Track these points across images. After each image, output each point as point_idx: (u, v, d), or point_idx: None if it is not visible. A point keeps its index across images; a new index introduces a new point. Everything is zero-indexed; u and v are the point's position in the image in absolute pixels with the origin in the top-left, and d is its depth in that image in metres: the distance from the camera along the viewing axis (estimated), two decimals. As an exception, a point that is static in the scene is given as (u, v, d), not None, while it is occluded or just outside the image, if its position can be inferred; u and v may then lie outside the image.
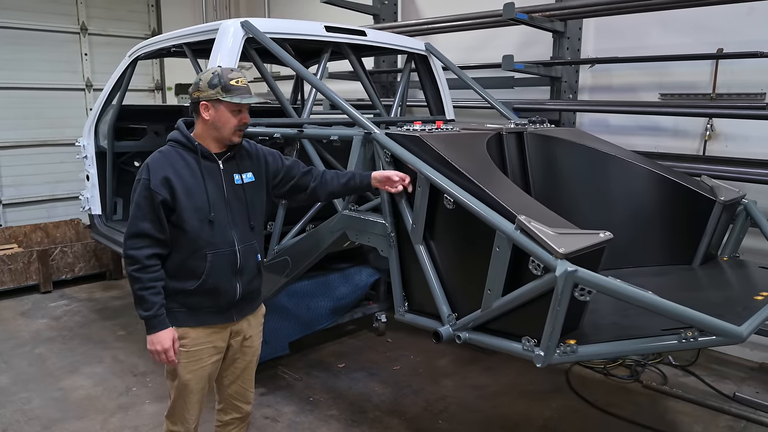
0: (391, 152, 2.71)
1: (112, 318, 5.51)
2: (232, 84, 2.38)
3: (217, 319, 2.55)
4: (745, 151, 4.32)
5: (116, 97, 4.98)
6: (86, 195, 5.36)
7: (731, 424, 3.72)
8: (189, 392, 2.58)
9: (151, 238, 2.35)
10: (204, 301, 2.48)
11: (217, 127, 2.42)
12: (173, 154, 2.43)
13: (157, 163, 2.39)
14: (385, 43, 4.25)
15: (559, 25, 4.85)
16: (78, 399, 4.04)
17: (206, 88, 2.38)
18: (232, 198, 2.50)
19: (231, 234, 2.48)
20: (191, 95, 2.44)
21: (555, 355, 2.11)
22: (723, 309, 2.33)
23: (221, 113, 2.40)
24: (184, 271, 2.43)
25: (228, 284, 2.50)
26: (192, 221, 2.38)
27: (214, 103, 2.38)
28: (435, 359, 4.62)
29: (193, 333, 2.50)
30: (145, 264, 2.34)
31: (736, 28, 4.35)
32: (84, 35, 7.87)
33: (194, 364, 2.53)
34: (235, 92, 2.38)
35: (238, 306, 2.60)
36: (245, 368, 2.78)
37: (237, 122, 2.43)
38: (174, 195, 2.35)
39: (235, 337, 2.66)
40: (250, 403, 2.90)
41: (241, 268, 2.52)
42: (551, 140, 3.32)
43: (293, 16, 7.78)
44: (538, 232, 2.07)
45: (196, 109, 2.43)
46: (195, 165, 2.42)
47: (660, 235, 3.19)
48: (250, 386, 2.87)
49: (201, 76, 2.44)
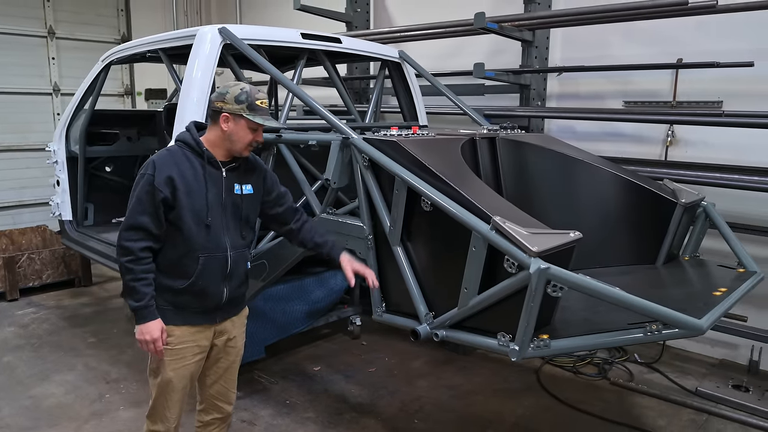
0: (369, 156, 2.78)
1: (83, 325, 5.43)
2: (257, 104, 2.48)
3: (202, 319, 2.60)
4: (704, 156, 4.51)
5: (88, 102, 4.94)
6: (56, 200, 5.29)
7: (693, 417, 3.89)
8: (171, 390, 2.60)
9: (147, 232, 2.41)
10: (190, 302, 2.54)
11: (232, 139, 2.50)
12: (179, 155, 2.49)
13: (164, 161, 2.46)
14: (360, 50, 4.33)
15: (528, 34, 5.00)
16: (49, 407, 3.98)
17: (232, 102, 2.46)
18: (229, 206, 2.57)
19: (224, 239, 2.55)
20: (213, 103, 2.51)
21: (529, 349, 2.21)
22: (685, 304, 2.46)
23: (240, 128, 2.48)
24: (175, 270, 2.49)
25: (216, 288, 2.57)
26: (189, 222, 2.45)
27: (236, 117, 2.47)
28: (410, 361, 4.69)
29: (177, 331, 2.54)
30: (138, 256, 2.40)
31: (693, 39, 4.56)
32: (51, 39, 7.75)
33: (177, 362, 2.56)
34: (258, 112, 2.48)
35: (223, 309, 2.66)
36: (228, 368, 2.82)
37: (251, 139, 2.52)
38: (175, 194, 2.42)
39: (219, 336, 2.70)
40: (231, 404, 2.93)
41: (230, 274, 2.59)
42: (522, 145, 3.44)
43: (265, 23, 7.77)
44: (513, 232, 2.16)
45: (215, 118, 2.50)
46: (199, 168, 2.49)
47: (625, 235, 3.33)
48: (233, 386, 2.90)
49: (229, 88, 2.50)
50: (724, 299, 2.55)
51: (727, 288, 2.71)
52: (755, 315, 4.21)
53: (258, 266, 3.65)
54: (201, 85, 3.40)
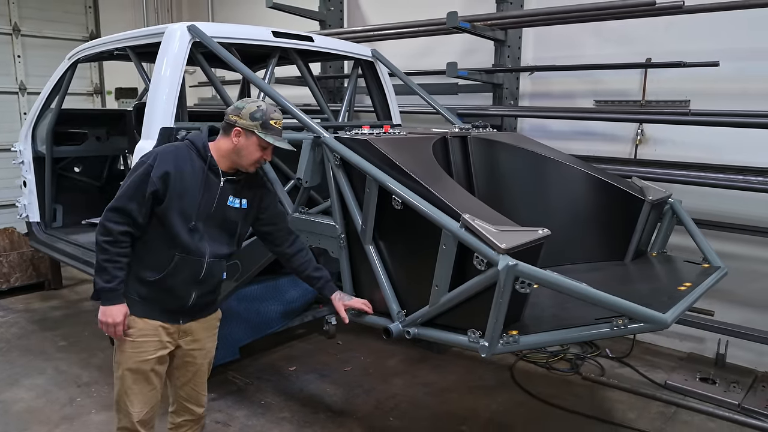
0: (341, 155, 2.78)
1: (53, 329, 5.33)
2: (271, 123, 2.51)
3: (164, 317, 2.60)
4: (673, 154, 4.60)
5: (55, 101, 4.84)
6: (23, 202, 5.17)
7: (662, 410, 3.97)
8: (132, 382, 2.59)
9: (130, 218, 2.42)
10: (156, 297, 2.54)
11: (240, 154, 2.52)
12: (184, 153, 2.51)
13: (166, 155, 2.47)
14: (333, 48, 4.32)
15: (500, 34, 5.04)
16: (19, 411, 3.91)
17: (247, 117, 2.48)
18: (218, 215, 2.56)
19: (205, 246, 2.54)
20: (228, 116, 2.52)
21: (498, 345, 2.23)
22: (651, 299, 2.50)
23: (250, 144, 2.50)
24: (149, 260, 2.50)
25: (184, 290, 2.57)
26: (174, 221, 2.45)
27: (248, 133, 2.49)
28: (385, 359, 4.70)
29: (140, 323, 2.54)
30: (117, 238, 2.41)
31: (662, 39, 4.65)
32: (17, 36, 7.56)
33: (138, 354, 2.55)
34: (270, 132, 2.50)
35: (188, 312, 2.66)
36: (197, 371, 2.80)
37: (260, 157, 2.55)
38: (166, 191, 2.42)
39: (184, 337, 2.68)
40: (203, 407, 2.91)
41: (202, 280, 2.59)
42: (494, 144, 3.47)
43: (237, 21, 7.72)
44: (482, 230, 2.18)
45: (228, 130, 2.51)
46: (199, 172, 2.49)
47: (595, 233, 3.38)
48: (203, 389, 2.88)
49: (246, 104, 2.52)
50: (689, 294, 2.60)
51: (692, 283, 2.77)
52: (722, 309, 4.31)
53: (231, 266, 3.60)
54: (170, 83, 3.36)
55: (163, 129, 3.33)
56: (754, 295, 4.44)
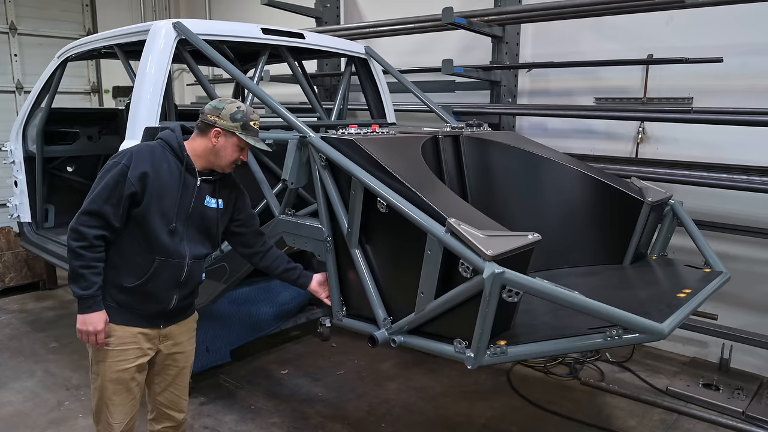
0: (326, 156, 2.69)
1: (45, 330, 5.28)
2: (251, 125, 2.48)
3: (145, 323, 2.53)
4: (675, 153, 4.49)
5: (45, 100, 4.77)
6: (14, 202, 5.10)
7: (664, 417, 3.86)
8: (112, 393, 2.52)
9: (105, 221, 2.34)
10: (136, 302, 2.47)
11: (219, 155, 2.47)
12: (159, 153, 2.43)
13: (142, 155, 2.39)
14: (324, 46, 4.21)
15: (498, 30, 4.93)
16: (6, 416, 3.85)
17: (227, 118, 2.44)
18: (196, 216, 2.52)
19: (185, 248, 2.49)
20: (206, 115, 2.46)
21: (485, 356, 2.13)
22: (648, 306, 2.40)
23: (229, 145, 2.47)
24: (127, 266, 2.43)
25: (165, 294, 2.51)
26: (154, 223, 2.39)
27: (228, 134, 2.45)
28: (379, 363, 4.61)
29: (119, 331, 2.47)
30: (92, 243, 2.32)
31: (663, 35, 4.53)
32: (13, 35, 7.51)
33: (118, 363, 2.49)
34: (250, 133, 2.48)
35: (168, 315, 2.60)
36: (177, 375, 2.73)
37: (237, 157, 2.52)
38: (145, 192, 2.35)
39: (164, 341, 2.62)
40: (183, 412, 2.83)
41: (183, 282, 2.54)
42: (487, 143, 3.37)
43: (235, 18, 7.63)
44: (467, 235, 2.08)
45: (206, 130, 2.46)
46: (176, 172, 2.43)
47: (592, 235, 3.28)
48: (183, 394, 2.80)
49: (226, 104, 2.48)
50: (689, 301, 2.49)
51: (692, 289, 2.65)
52: (725, 313, 4.21)
53: (218, 269, 3.54)
54: (154, 81, 3.27)
55: (147, 129, 3.25)
56: (759, 299, 4.33)
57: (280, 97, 3.63)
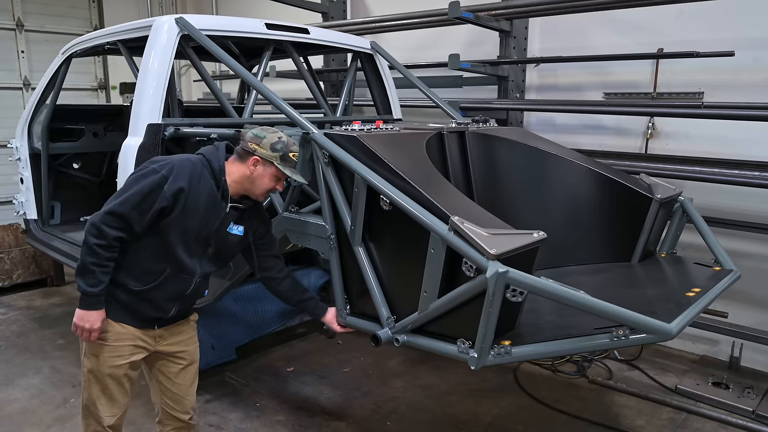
0: (329, 152, 2.66)
1: (52, 327, 5.28)
2: (290, 156, 2.49)
3: (138, 323, 2.52)
4: (685, 149, 4.41)
5: (50, 97, 4.77)
6: (20, 199, 5.11)
7: (672, 416, 3.80)
8: (105, 388, 2.52)
9: (128, 225, 2.31)
10: (136, 305, 2.46)
11: (255, 183, 2.48)
12: (200, 171, 2.41)
13: (183, 170, 2.36)
14: (329, 41, 4.17)
15: (505, 24, 4.87)
16: (12, 412, 3.86)
17: (267, 148, 2.45)
18: (218, 240, 2.51)
19: (197, 265, 2.49)
20: (247, 143, 2.46)
21: (489, 357, 2.09)
22: (656, 306, 2.35)
23: (266, 174, 2.47)
24: (136, 269, 2.41)
25: (166, 304, 2.52)
26: (174, 237, 2.37)
27: (267, 163, 2.46)
28: (385, 360, 4.58)
29: (116, 327, 2.46)
30: (110, 243, 2.30)
31: (674, 29, 4.45)
32: (20, 32, 7.50)
33: (112, 359, 2.48)
34: (288, 164, 2.49)
35: (162, 321, 2.60)
36: (179, 374, 2.71)
37: (273, 187, 2.53)
38: (175, 208, 2.34)
39: (161, 341, 2.62)
40: (189, 413, 2.80)
41: (187, 296, 2.56)
42: (493, 139, 3.32)
43: (242, 14, 7.61)
44: (471, 233, 2.04)
45: (245, 157, 2.46)
46: (212, 195, 2.43)
47: (600, 232, 3.22)
48: (187, 394, 2.77)
49: (267, 133, 2.48)
50: (698, 300, 2.44)
51: (702, 288, 2.60)
52: (736, 311, 4.14)
53: (222, 267, 3.53)
54: (157, 77, 3.25)
55: (150, 125, 3.23)
56: (771, 296, 4.26)
57: (286, 93, 3.60)
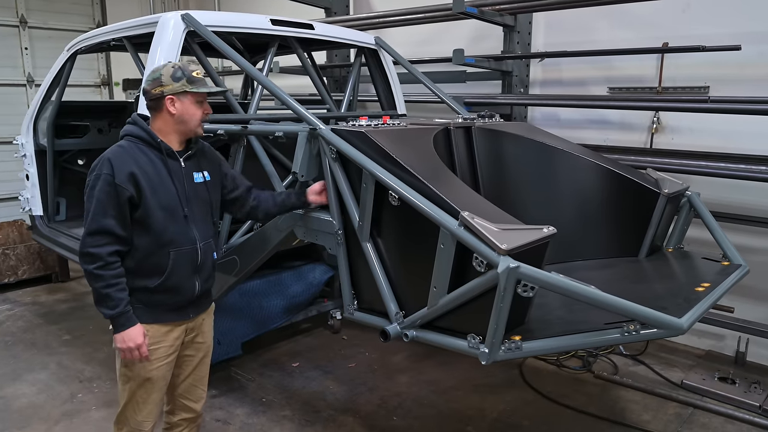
0: (337, 148, 2.65)
1: (58, 322, 5.31)
2: (194, 76, 2.39)
3: (174, 316, 2.52)
4: (691, 144, 4.41)
5: (55, 93, 4.77)
6: (26, 195, 5.13)
7: (679, 411, 3.81)
8: (144, 392, 2.52)
9: (113, 236, 2.29)
10: (164, 299, 2.45)
11: (183, 120, 2.40)
12: (134, 150, 2.37)
13: (120, 158, 2.32)
14: (334, 36, 4.17)
15: (509, 19, 4.86)
16: (20, 407, 3.88)
17: (170, 82, 2.35)
18: (193, 196, 2.49)
19: (193, 232, 2.48)
20: (149, 91, 2.38)
21: (500, 352, 2.09)
22: (665, 301, 2.35)
23: (187, 106, 2.39)
24: (145, 268, 2.39)
25: (188, 282, 2.50)
26: (157, 218, 2.35)
27: (180, 95, 2.37)
28: (390, 355, 4.59)
29: (150, 331, 2.44)
30: (107, 261, 2.27)
31: (679, 23, 4.44)
32: (24, 28, 7.51)
33: (152, 363, 2.47)
34: (199, 83, 2.39)
35: (195, 303, 2.60)
36: (198, 365, 2.73)
37: (202, 114, 2.44)
38: (140, 192, 2.31)
39: (189, 334, 2.63)
40: (200, 403, 2.82)
41: (200, 266, 2.53)
42: (499, 135, 3.31)
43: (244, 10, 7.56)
44: (481, 229, 2.04)
45: (158, 105, 2.38)
46: (159, 162, 2.38)
47: (607, 227, 3.22)
48: (201, 384, 2.80)
49: (161, 71, 2.38)
50: (707, 295, 2.44)
51: (711, 283, 2.60)
52: (742, 306, 4.13)
53: (229, 261, 3.53)
54: (163, 74, 3.24)
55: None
56: (777, 291, 4.25)
57: (289, 88, 3.59)
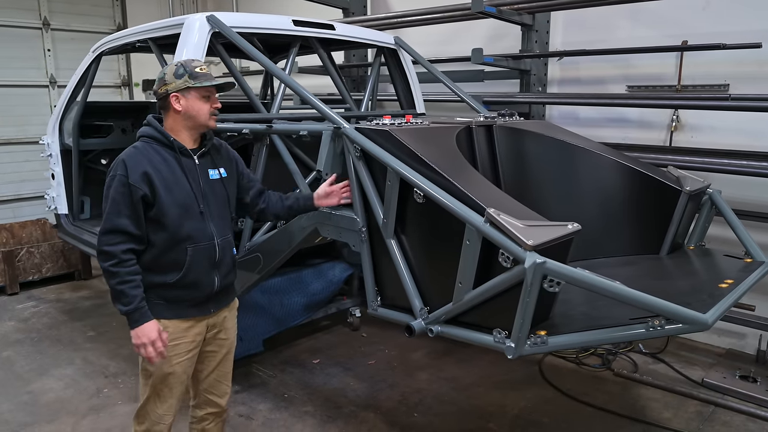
0: (361, 147, 2.70)
1: (82, 319, 5.40)
2: (197, 71, 2.41)
3: (195, 312, 2.54)
4: (711, 142, 4.40)
5: (80, 94, 4.86)
6: (52, 194, 5.23)
7: (700, 409, 3.81)
8: (165, 387, 2.55)
9: (127, 234, 2.34)
10: (183, 294, 2.48)
11: (191, 116, 2.43)
12: (148, 150, 2.42)
13: (134, 158, 2.37)
14: (354, 37, 4.22)
15: (528, 18, 4.88)
16: (48, 402, 3.97)
17: (173, 80, 2.40)
18: (209, 193, 2.52)
19: (210, 228, 2.51)
20: (157, 91, 2.45)
21: (526, 346, 2.13)
22: (689, 297, 2.37)
23: (192, 101, 2.42)
24: (163, 265, 2.43)
25: (207, 278, 2.52)
26: (173, 216, 2.39)
27: (184, 92, 2.40)
28: (409, 353, 4.63)
29: (171, 326, 2.48)
30: (121, 258, 2.32)
31: (699, 21, 4.43)
32: (47, 30, 7.65)
33: (172, 359, 2.51)
34: (202, 78, 2.42)
35: (216, 298, 2.62)
36: (221, 360, 2.77)
37: (209, 107, 2.46)
38: (154, 190, 2.35)
39: (211, 330, 2.66)
40: (225, 396, 2.86)
41: (219, 261, 2.55)
42: (520, 133, 3.34)
43: (262, 10, 7.66)
44: (507, 225, 2.07)
45: (165, 104, 2.44)
46: (173, 161, 2.43)
47: (628, 225, 3.24)
48: (226, 379, 2.84)
49: (164, 70, 2.46)
50: (731, 291, 2.45)
51: (734, 279, 2.61)
52: (763, 304, 4.12)
53: (253, 259, 3.59)
54: (189, 75, 3.30)
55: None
56: (798, 289, 4.23)
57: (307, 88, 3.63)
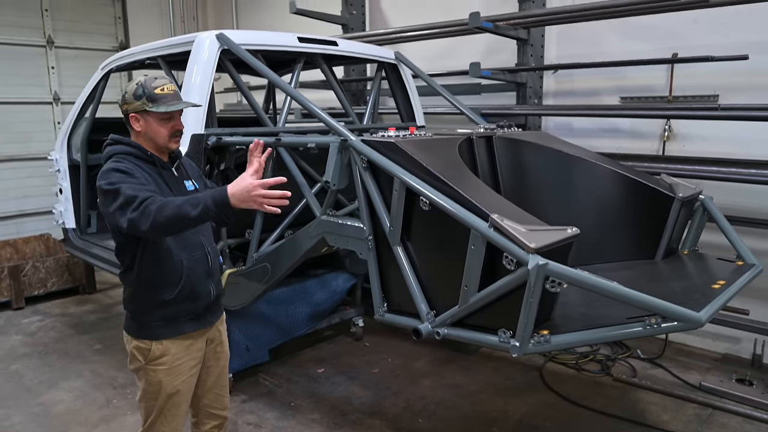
0: (368, 158, 2.81)
1: (88, 332, 5.46)
2: (157, 93, 2.32)
3: (195, 325, 2.53)
4: (702, 150, 4.53)
5: (89, 110, 4.97)
6: (60, 209, 5.31)
7: (698, 412, 3.89)
8: (173, 406, 2.52)
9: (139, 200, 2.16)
10: (182, 309, 2.47)
11: (150, 137, 2.37)
12: (128, 165, 2.30)
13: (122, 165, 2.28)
14: (357, 52, 4.36)
15: (523, 32, 5.02)
16: (59, 413, 4.02)
17: (132, 100, 2.33)
18: None
19: (200, 237, 2.52)
20: (120, 108, 2.39)
21: (530, 345, 2.23)
22: (684, 297, 2.48)
23: (150, 124, 2.35)
24: (159, 281, 2.41)
25: (204, 288, 2.52)
26: None
27: (142, 114, 2.34)
28: (412, 361, 4.71)
29: (173, 348, 2.46)
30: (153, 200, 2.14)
31: (689, 34, 4.58)
32: (50, 48, 7.77)
33: (176, 378, 2.50)
34: (161, 101, 2.32)
35: (212, 308, 2.62)
36: (219, 374, 2.76)
37: (168, 131, 2.38)
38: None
39: (210, 344, 2.67)
40: (226, 409, 2.86)
41: (212, 270, 2.57)
42: (519, 143, 3.47)
43: (261, 27, 7.82)
44: (511, 229, 2.19)
45: (129, 123, 2.39)
46: (155, 174, 2.38)
47: (624, 231, 3.35)
48: (225, 391, 2.82)
49: (127, 87, 2.39)
50: (723, 291, 2.57)
51: (726, 281, 2.73)
52: (757, 308, 4.22)
53: (261, 269, 3.68)
54: (200, 91, 3.43)
55: (194, 136, 3.40)
56: (791, 293, 4.34)
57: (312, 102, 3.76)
